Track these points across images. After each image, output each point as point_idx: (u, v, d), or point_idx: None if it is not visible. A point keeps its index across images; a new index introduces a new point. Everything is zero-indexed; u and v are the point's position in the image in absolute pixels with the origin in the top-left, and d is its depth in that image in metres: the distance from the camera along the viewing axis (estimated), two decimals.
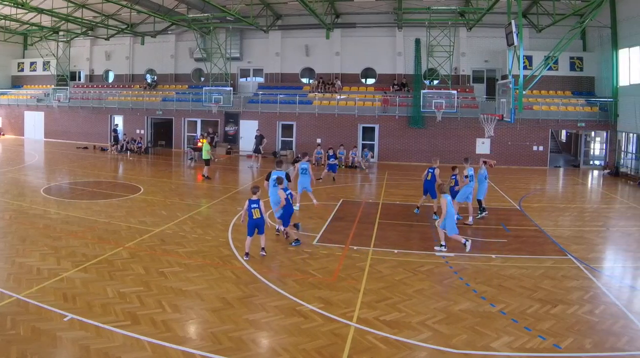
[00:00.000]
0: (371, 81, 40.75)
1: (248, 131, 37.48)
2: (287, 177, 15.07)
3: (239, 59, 42.48)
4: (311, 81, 41.29)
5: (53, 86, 44.69)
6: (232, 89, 38.77)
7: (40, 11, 33.47)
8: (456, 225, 13.72)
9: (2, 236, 13.98)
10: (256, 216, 12.43)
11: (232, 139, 39.26)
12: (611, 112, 32.47)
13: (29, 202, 18.57)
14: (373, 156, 35.47)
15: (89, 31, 44.69)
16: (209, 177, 26.00)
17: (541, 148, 34.01)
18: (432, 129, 34.94)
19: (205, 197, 21.58)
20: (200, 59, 42.24)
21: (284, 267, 12.13)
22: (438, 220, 14.60)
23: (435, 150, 33.73)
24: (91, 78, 47.90)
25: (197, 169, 29.93)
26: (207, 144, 26.94)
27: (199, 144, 34.99)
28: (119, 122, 41.67)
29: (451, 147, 33.65)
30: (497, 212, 19.10)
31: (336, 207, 19.39)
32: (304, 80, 42.07)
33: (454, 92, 34.46)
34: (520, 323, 9.05)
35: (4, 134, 47.38)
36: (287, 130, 38.10)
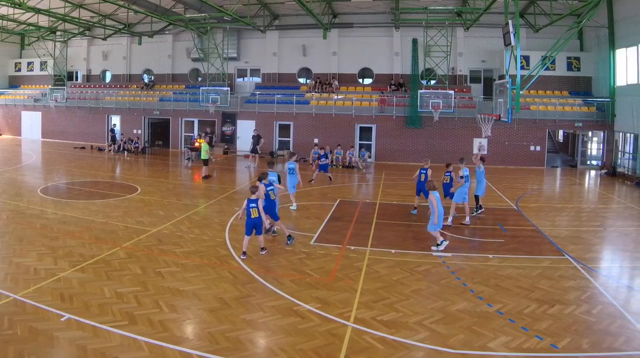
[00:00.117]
0: (368, 81, 40.73)
1: (245, 131, 37.45)
2: (279, 179, 15.28)
3: (236, 59, 42.47)
4: (308, 81, 41.23)
5: (50, 86, 44.57)
6: (229, 89, 38.73)
7: (37, 11, 33.45)
8: (442, 224, 13.89)
9: (0, 236, 13.99)
10: (254, 215, 12.51)
11: (230, 139, 39.23)
12: (608, 112, 32.51)
13: (26, 202, 18.55)
14: (370, 156, 35.47)
15: (86, 31, 44.62)
16: (209, 176, 25.99)
17: (538, 148, 34.03)
18: (430, 129, 34.95)
19: (202, 197, 21.57)
20: (198, 59, 42.16)
21: (281, 267, 12.12)
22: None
23: (432, 150, 33.78)
24: (88, 78, 47.81)
25: (195, 168, 29.93)
26: (206, 144, 26.90)
27: (196, 144, 35.05)
28: (116, 122, 41.60)
29: (448, 147, 33.65)
30: (495, 212, 19.12)
31: (333, 207, 19.38)
32: (301, 80, 42.03)
33: (451, 92, 34.45)
34: (517, 323, 9.06)
35: (1, 134, 47.31)
36: (284, 130, 38.07)
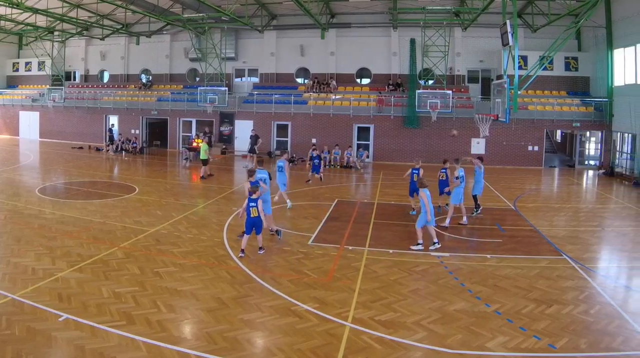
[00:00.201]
0: (366, 81, 40.74)
1: (243, 131, 37.45)
2: (269, 176, 15.36)
3: (234, 59, 42.44)
4: (306, 81, 41.24)
5: (48, 86, 44.59)
6: (227, 89, 38.76)
7: (35, 11, 33.40)
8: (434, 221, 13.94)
9: None
10: (254, 215, 12.57)
11: (227, 139, 39.22)
12: (606, 112, 32.53)
13: (24, 202, 18.52)
14: (368, 156, 35.47)
15: (84, 31, 44.58)
16: (209, 176, 25.97)
17: (536, 148, 34.06)
18: (427, 129, 34.96)
19: (200, 197, 21.54)
20: (195, 59, 42.14)
21: (279, 267, 12.12)
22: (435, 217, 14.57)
23: (430, 150, 33.83)
24: (86, 78, 47.76)
25: (192, 169, 29.91)
26: (205, 144, 26.84)
27: (193, 144, 35.00)
28: (114, 122, 41.53)
29: (446, 147, 33.57)
30: (492, 212, 19.13)
31: (331, 207, 19.38)
32: (299, 80, 42.03)
33: (449, 92, 34.51)
34: (515, 323, 9.07)
35: None
36: (282, 130, 38.05)
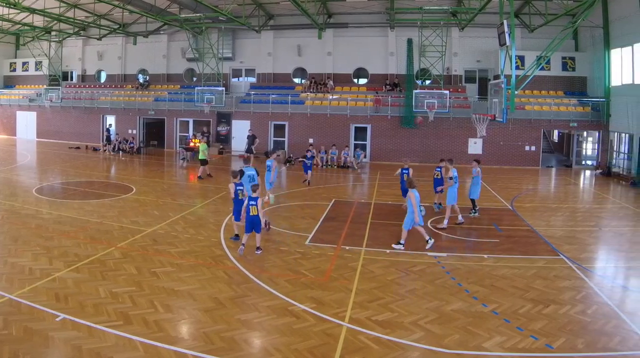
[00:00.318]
0: (363, 81, 40.74)
1: (240, 131, 37.47)
2: (257, 173, 15.65)
3: (231, 59, 42.40)
4: (303, 81, 41.24)
5: (45, 86, 44.46)
6: (224, 89, 38.65)
7: (32, 11, 33.31)
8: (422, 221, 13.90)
9: None
10: (253, 213, 12.64)
11: (224, 139, 39.19)
12: (603, 112, 32.57)
13: (21, 202, 18.49)
14: (365, 156, 35.47)
15: (81, 31, 44.48)
16: (207, 176, 25.92)
17: (533, 148, 34.08)
18: (424, 129, 34.92)
19: (197, 197, 21.53)
20: (193, 59, 42.12)
21: (276, 267, 12.12)
22: (423, 215, 14.48)
23: (427, 150, 33.89)
24: (83, 78, 47.69)
25: (190, 168, 29.89)
26: (204, 144, 26.77)
27: (191, 144, 34.98)
28: (111, 122, 41.47)
29: (443, 147, 33.64)
30: (490, 212, 19.14)
31: (328, 207, 19.38)
32: (296, 80, 42.02)
33: (446, 92, 34.45)
34: (512, 323, 9.08)
35: None
36: (279, 130, 38.03)
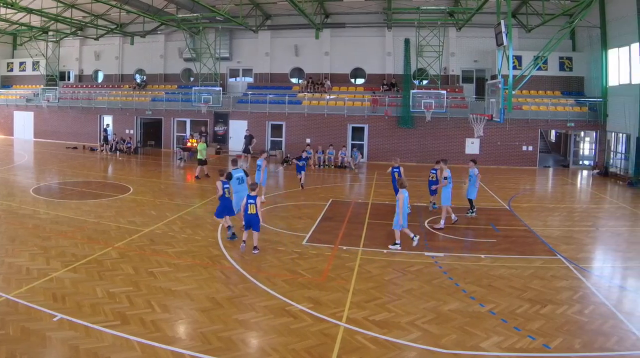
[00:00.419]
0: (360, 81, 40.75)
1: (237, 131, 37.46)
2: (245, 174, 15.71)
3: (229, 59, 42.38)
4: (300, 81, 41.22)
5: (42, 86, 44.33)
6: (221, 89, 38.65)
7: (29, 11, 33.29)
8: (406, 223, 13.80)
9: None
10: (251, 211, 12.71)
11: (222, 139, 39.16)
12: (600, 112, 32.62)
13: (18, 202, 18.46)
14: (362, 156, 35.45)
15: (79, 31, 44.41)
16: (205, 176, 25.88)
17: (530, 148, 34.13)
18: (422, 129, 34.96)
19: (194, 197, 21.52)
20: (190, 59, 42.03)
21: (274, 267, 12.11)
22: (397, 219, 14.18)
23: (424, 150, 33.94)
24: (80, 78, 47.61)
25: (187, 168, 29.87)
26: (203, 144, 26.72)
27: (188, 144, 34.95)
28: (108, 122, 41.44)
29: (440, 147, 33.69)
30: (487, 212, 19.16)
31: (325, 207, 19.39)
32: (294, 80, 42.00)
33: (444, 92, 34.48)
34: (509, 323, 9.09)
35: None
36: (276, 130, 38.02)
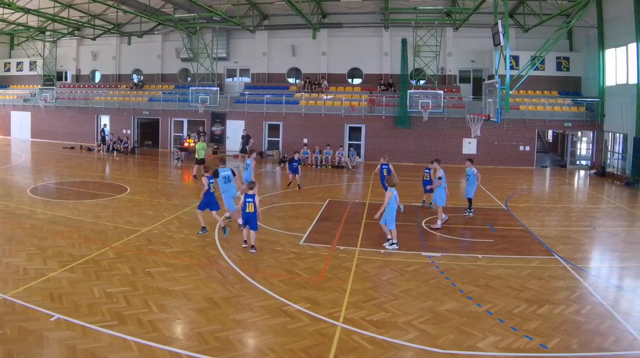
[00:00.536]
0: (358, 81, 40.77)
1: (234, 131, 37.45)
2: (233, 173, 15.78)
3: (226, 59, 42.36)
4: (298, 81, 41.24)
5: (40, 86, 44.37)
6: (218, 89, 38.68)
7: (26, 11, 33.23)
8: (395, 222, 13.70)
9: None
10: (249, 210, 12.76)
11: (219, 139, 39.15)
12: (598, 112, 32.67)
13: (15, 202, 18.42)
14: (359, 156, 35.44)
15: (76, 31, 44.38)
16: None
17: (528, 148, 34.17)
18: (419, 129, 35.00)
19: (192, 197, 21.45)
20: (187, 59, 41.99)
21: (271, 267, 12.10)
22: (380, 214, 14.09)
23: (421, 150, 33.96)
24: (78, 78, 47.57)
25: (184, 168, 29.85)
26: (202, 143, 26.67)
27: (185, 144, 34.93)
28: (106, 122, 41.36)
29: (438, 147, 33.74)
30: (484, 212, 19.19)
31: (322, 207, 19.37)
32: (291, 80, 42.02)
33: (441, 92, 34.53)
34: (506, 323, 9.09)
35: None
36: (273, 130, 38.03)
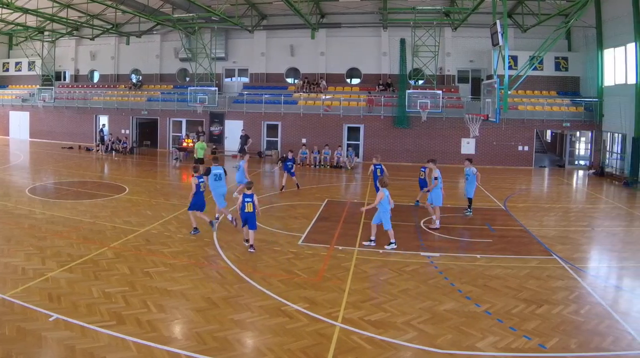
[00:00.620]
0: (356, 81, 40.79)
1: (233, 131, 37.47)
2: (225, 173, 15.97)
3: (224, 59, 42.36)
4: (296, 81, 41.25)
5: (38, 86, 44.34)
6: (217, 89, 38.62)
7: (25, 11, 33.19)
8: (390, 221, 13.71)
9: None
10: (248, 210, 12.85)
11: (217, 139, 39.13)
12: (596, 112, 32.67)
13: (14, 202, 18.40)
14: (358, 156, 35.43)
15: (74, 31, 44.36)
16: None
17: (526, 148, 34.17)
18: (417, 129, 34.99)
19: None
20: (186, 59, 42.01)
21: (269, 267, 12.10)
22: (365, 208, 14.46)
23: (420, 150, 33.92)
24: (76, 78, 47.53)
25: (183, 168, 29.83)
26: (201, 143, 26.61)
27: (184, 144, 34.92)
28: (104, 122, 41.32)
29: (436, 147, 33.76)
30: (483, 212, 19.20)
31: (321, 207, 19.36)
32: (289, 80, 42.03)
33: (439, 92, 34.49)
34: (505, 323, 9.09)
35: None
36: (272, 130, 38.01)
